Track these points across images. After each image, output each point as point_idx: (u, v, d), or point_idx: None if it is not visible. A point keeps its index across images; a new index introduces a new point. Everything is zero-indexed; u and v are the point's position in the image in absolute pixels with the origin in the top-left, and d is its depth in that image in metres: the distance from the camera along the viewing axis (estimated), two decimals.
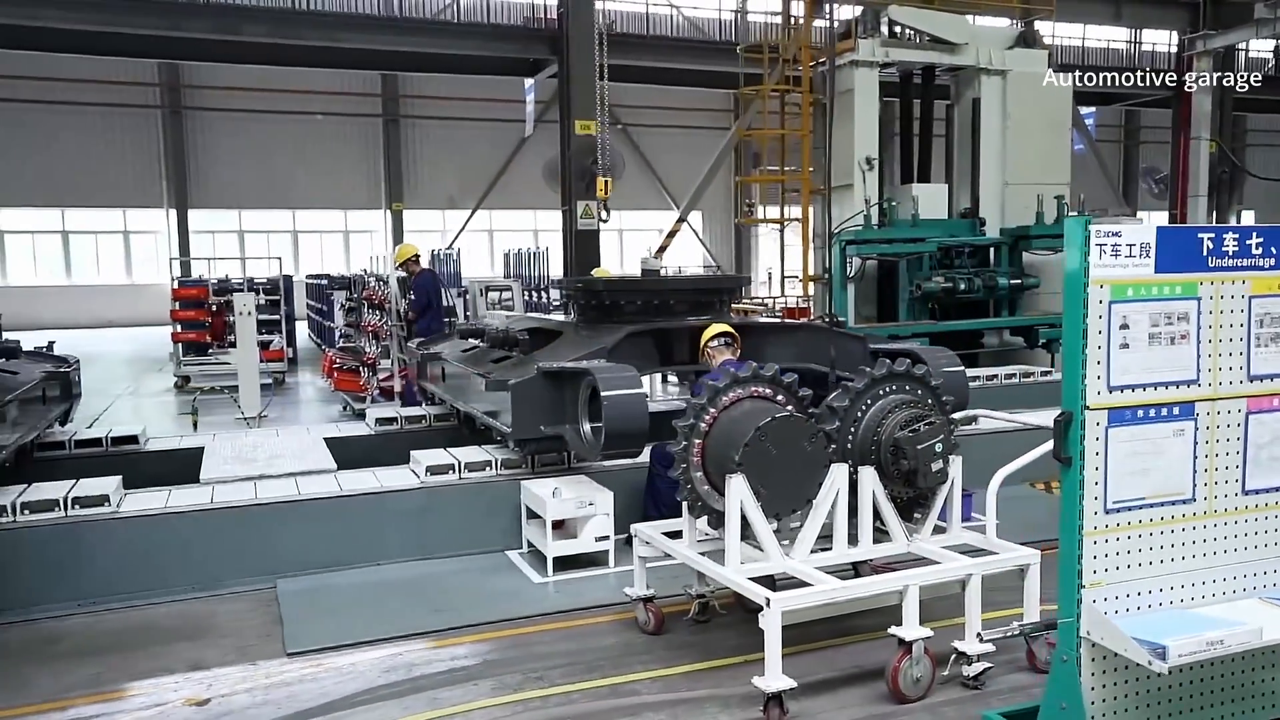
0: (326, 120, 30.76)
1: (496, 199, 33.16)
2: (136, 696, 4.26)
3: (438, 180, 32.75)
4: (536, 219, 34.69)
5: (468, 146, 32.30)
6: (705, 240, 36.65)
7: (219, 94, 29.09)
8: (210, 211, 30.57)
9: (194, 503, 5.77)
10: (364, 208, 32.61)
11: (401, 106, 31.86)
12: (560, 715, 4.00)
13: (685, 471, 4.36)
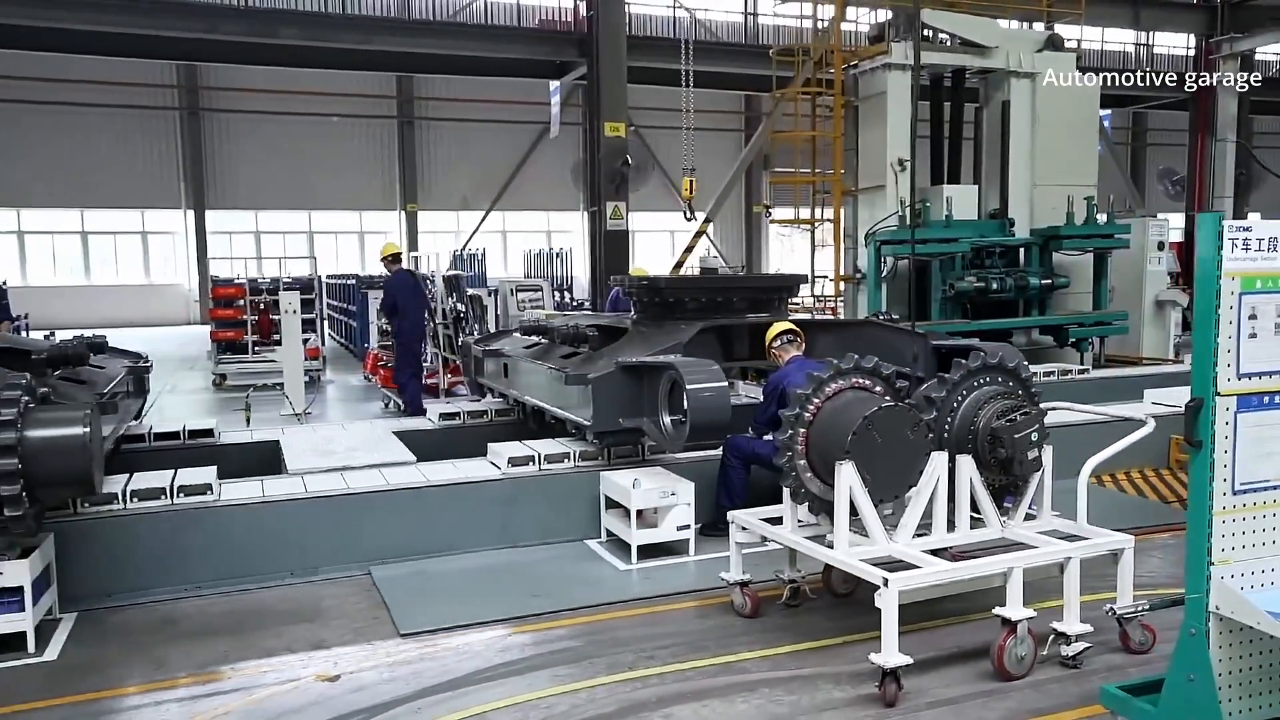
0: (342, 122, 30.96)
1: (510, 200, 33.37)
2: (269, 673, 4.46)
3: (452, 181, 32.95)
4: (549, 220, 34.93)
5: (481, 148, 32.51)
6: (716, 241, 36.83)
7: (237, 96, 29.28)
8: (227, 212, 30.75)
9: (289, 492, 5.96)
10: (379, 209, 32.80)
11: (416, 108, 32.06)
12: (679, 691, 4.19)
13: (790, 459, 4.55)
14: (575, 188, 34.62)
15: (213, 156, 30.29)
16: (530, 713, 4.01)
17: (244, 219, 31.28)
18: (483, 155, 32.62)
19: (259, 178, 30.39)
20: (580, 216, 34.87)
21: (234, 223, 31.09)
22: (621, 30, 16.89)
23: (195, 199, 30.11)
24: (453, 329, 11.45)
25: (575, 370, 6.65)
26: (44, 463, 4.53)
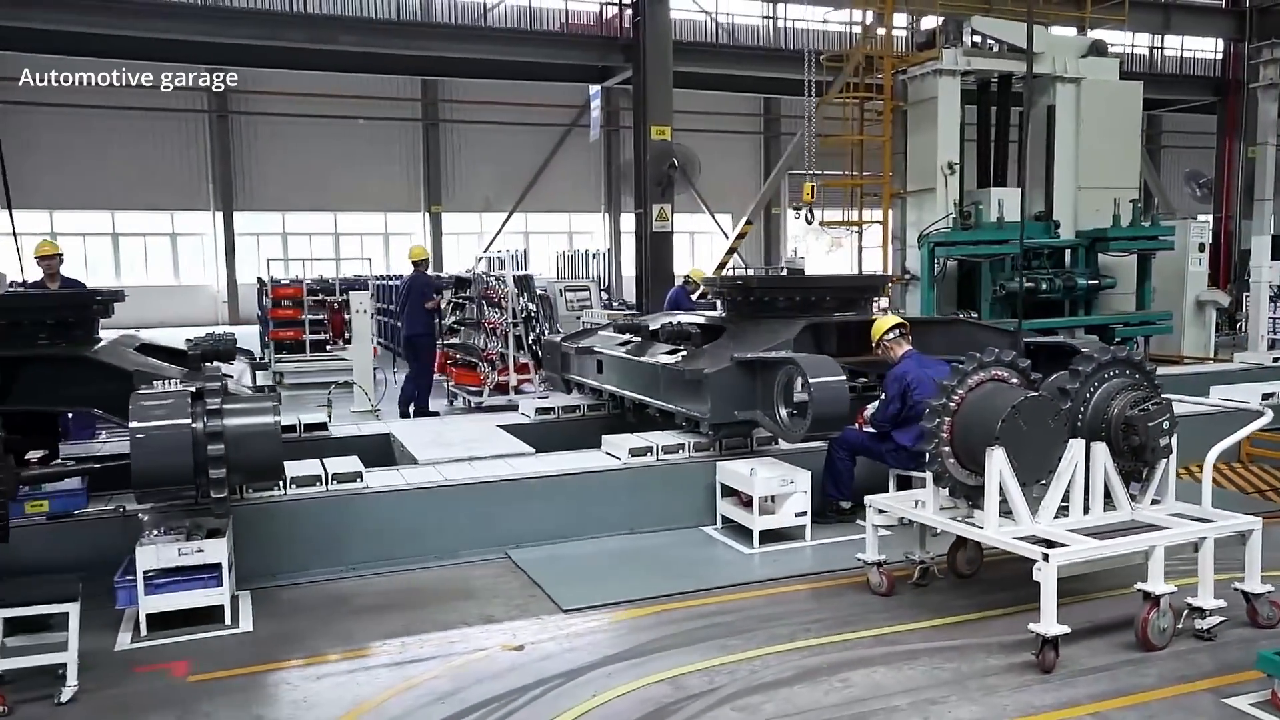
0: (367, 124, 31.30)
1: (532, 202, 33.70)
2: (457, 643, 4.80)
3: (475, 183, 33.28)
4: (571, 221, 35.28)
5: (504, 150, 32.84)
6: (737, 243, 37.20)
7: (264, 99, 29.61)
8: (254, 214, 31.12)
9: (432, 480, 6.31)
10: (404, 210, 33.14)
11: (440, 111, 32.40)
12: (844, 659, 4.53)
13: (937, 446, 4.89)
14: (597, 189, 35.07)
15: (240, 159, 30.65)
16: (715, 676, 4.36)
17: (271, 220, 31.64)
18: (506, 157, 32.96)
19: (285, 180, 30.73)
20: (602, 218, 35.30)
21: (261, 224, 31.46)
22: (668, 35, 17.24)
23: (223, 201, 30.46)
24: (522, 328, 11.78)
25: (686, 366, 6.98)
26: (242, 449, 4.87)
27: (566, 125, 32.83)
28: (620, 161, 32.57)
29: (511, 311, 11.93)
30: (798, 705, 4.07)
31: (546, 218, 34.80)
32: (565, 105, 32.16)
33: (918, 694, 4.15)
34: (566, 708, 4.06)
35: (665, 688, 4.25)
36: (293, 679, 4.43)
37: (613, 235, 34.96)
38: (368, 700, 4.17)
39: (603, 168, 34.61)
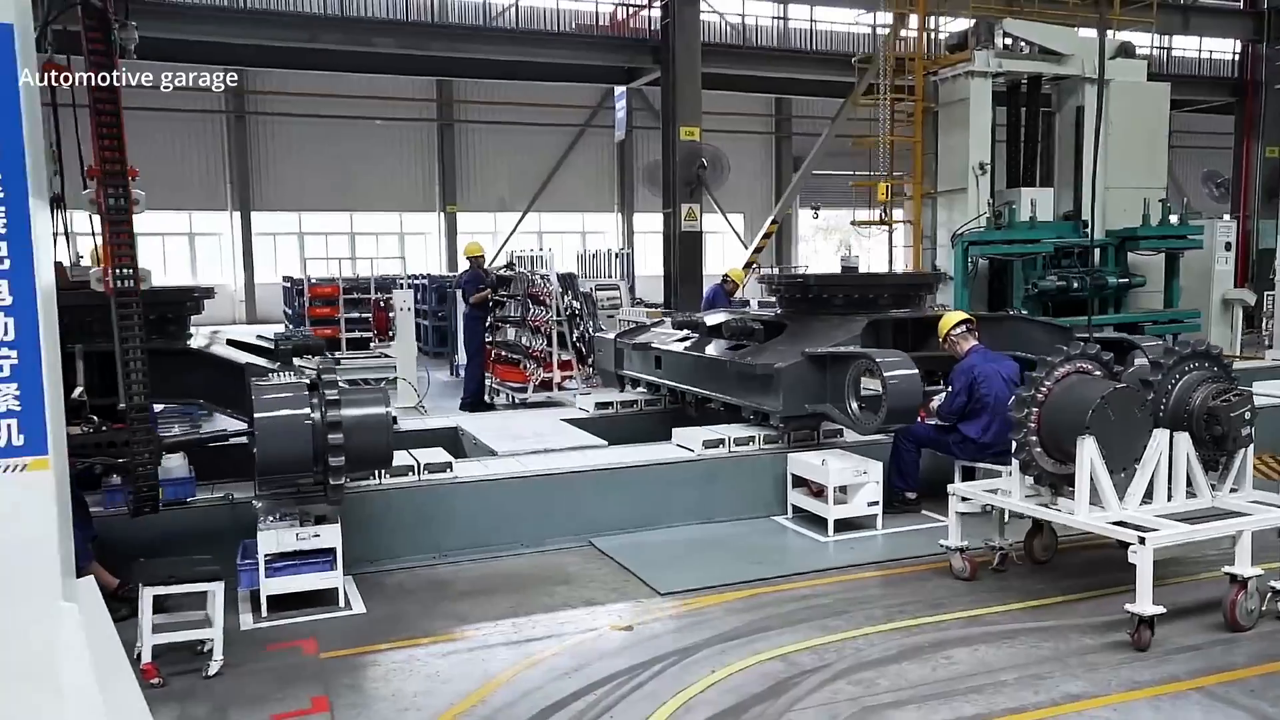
0: (384, 125, 31.47)
1: (546, 201, 33.89)
2: (566, 624, 5.00)
3: (490, 183, 33.44)
4: (585, 221, 35.46)
5: (519, 150, 33.01)
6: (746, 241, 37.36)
7: (281, 99, 29.79)
8: (271, 214, 31.30)
9: (518, 470, 6.51)
10: (419, 210, 33.32)
11: (455, 111, 32.58)
12: (943, 638, 4.73)
13: (1024, 435, 5.08)
14: (610, 189, 35.26)
15: (258, 159, 30.84)
16: (824, 654, 4.55)
17: (288, 220, 31.84)
18: (520, 157, 33.13)
19: (302, 180, 30.91)
20: (615, 218, 35.49)
21: (278, 224, 31.66)
22: (696, 37, 17.43)
23: (241, 201, 30.65)
24: (567, 325, 11.97)
25: (757, 361, 7.18)
26: (358, 438, 5.07)
27: (580, 125, 33.03)
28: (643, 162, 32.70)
29: (556, 309, 12.12)
30: (910, 680, 4.27)
31: (560, 217, 34.97)
32: (579, 106, 32.35)
33: (1023, 670, 4.34)
34: (690, 681, 4.26)
35: (778, 664, 4.45)
36: (419, 656, 4.62)
37: (625, 235, 35.13)
38: (498, 675, 4.37)
39: (616, 168, 34.78)
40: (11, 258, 2.98)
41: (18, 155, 2.97)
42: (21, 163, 2.98)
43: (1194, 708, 3.99)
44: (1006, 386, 6.79)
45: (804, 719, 3.91)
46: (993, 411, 6.64)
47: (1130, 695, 4.09)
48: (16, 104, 2.96)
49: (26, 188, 3.00)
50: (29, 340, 3.01)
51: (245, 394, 5.56)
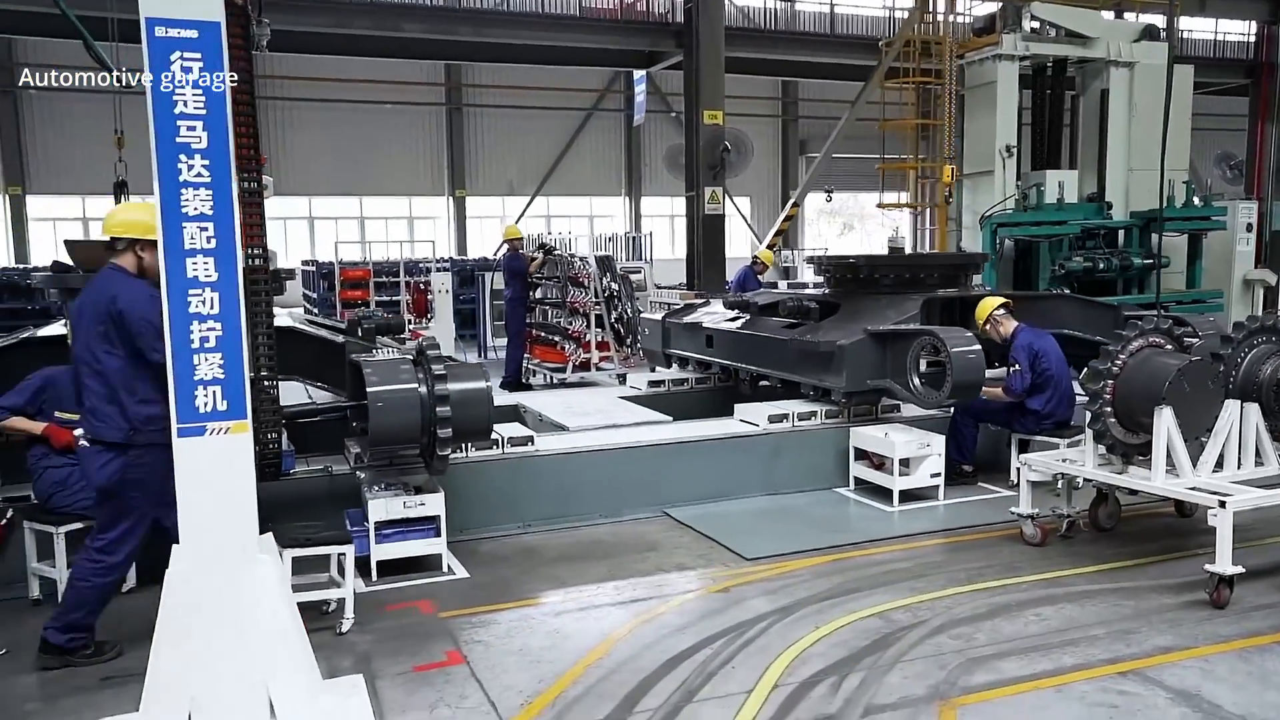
0: (393, 109, 31.51)
1: (553, 186, 33.98)
2: (663, 586, 5.25)
3: (498, 168, 33.50)
4: (592, 205, 35.58)
5: (527, 135, 33.07)
6: (752, 223, 37.51)
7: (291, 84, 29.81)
8: (282, 199, 31.37)
9: (594, 444, 6.75)
10: (428, 194, 33.40)
11: (464, 95, 32.62)
12: (1027, 598, 4.98)
13: (1100, 406, 5.33)
14: (618, 173, 35.37)
15: (267, 145, 30.87)
16: (918, 612, 4.81)
17: (298, 204, 31.94)
18: (528, 142, 33.19)
19: (311, 164, 30.98)
20: (622, 201, 35.61)
21: (289, 208, 31.78)
22: (720, 20, 17.55)
23: None
24: (605, 307, 12.18)
25: (819, 339, 7.41)
26: (462, 411, 5.29)
27: (588, 110, 33.12)
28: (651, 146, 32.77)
29: (594, 291, 12.33)
30: (1005, 635, 4.52)
31: (568, 201, 35.09)
32: (587, 90, 32.43)
33: (1110, 625, 4.60)
34: (798, 636, 4.51)
35: (876, 621, 4.70)
36: (534, 615, 4.87)
37: (633, 218, 35.26)
38: (615, 631, 4.62)
39: (623, 152, 34.87)
40: (218, 238, 3.19)
41: (224, 147, 3.18)
42: (228, 154, 3.20)
43: (1279, 659, 4.25)
44: (1061, 359, 7.07)
45: (914, 669, 4.16)
46: (1054, 382, 6.92)
47: (1217, 648, 4.35)
48: (224, 100, 3.17)
49: (231, 176, 3.21)
50: (231, 314, 3.23)
51: (343, 370, 5.80)
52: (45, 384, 5.03)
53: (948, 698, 3.88)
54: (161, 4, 3.06)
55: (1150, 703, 3.83)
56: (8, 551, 5.15)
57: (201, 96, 3.14)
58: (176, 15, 3.08)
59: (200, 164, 3.16)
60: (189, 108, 3.13)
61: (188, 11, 3.09)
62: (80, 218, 28.94)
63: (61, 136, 26.99)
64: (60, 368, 5.10)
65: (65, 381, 5.06)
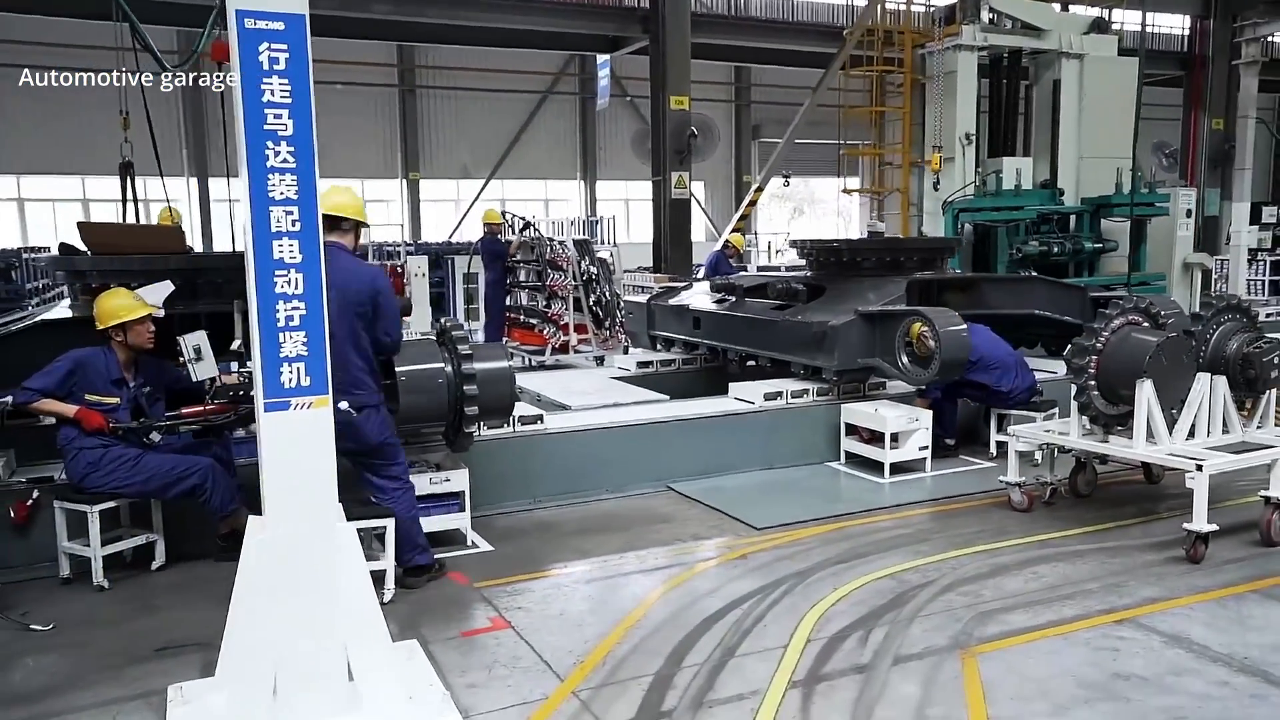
0: (344, 90, 31.09)
1: (509, 169, 33.89)
2: (683, 555, 5.52)
3: (452, 151, 33.30)
4: (548, 188, 35.59)
5: (481, 118, 32.88)
6: (707, 209, 37.86)
7: None
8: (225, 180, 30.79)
9: (603, 421, 6.98)
10: (381, 177, 33.06)
11: (417, 77, 32.32)
12: (1022, 559, 5.35)
13: (1084, 381, 5.71)
14: (573, 157, 35.41)
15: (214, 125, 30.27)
16: (926, 572, 5.15)
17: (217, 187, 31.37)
18: (482, 125, 33.03)
19: None
20: (578, 185, 35.68)
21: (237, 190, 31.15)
22: (687, 6, 17.76)
23: (198, 167, 30.16)
24: (583, 291, 12.37)
25: (811, 319, 7.72)
26: (487, 390, 5.48)
27: (543, 92, 33.07)
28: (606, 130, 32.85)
29: (573, 274, 12.51)
30: (1009, 591, 4.88)
31: (523, 185, 35.00)
32: (542, 73, 32.38)
33: (1102, 580, 4.99)
34: (820, 596, 4.81)
35: (889, 582, 5.03)
36: (565, 584, 5.10)
37: (588, 202, 35.35)
38: (646, 596, 4.87)
39: (579, 136, 34.90)
40: (303, 221, 3.34)
41: (308, 134, 3.33)
42: (311, 141, 3.35)
43: (1254, 605, 4.67)
44: (994, 343, 7.49)
45: (932, 622, 4.49)
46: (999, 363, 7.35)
47: (1199, 597, 4.76)
48: (308, 88, 3.32)
49: (314, 162, 3.37)
50: (314, 293, 3.39)
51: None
52: (75, 367, 5.08)
53: (967, 646, 4.22)
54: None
55: (1147, 646, 4.21)
56: (36, 530, 5.23)
57: (288, 85, 3.28)
58: (265, 8, 3.22)
59: (286, 150, 3.31)
60: (276, 96, 3.27)
61: (276, 4, 3.23)
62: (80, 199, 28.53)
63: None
64: (89, 350, 5.17)
65: (96, 364, 5.14)
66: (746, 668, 4.05)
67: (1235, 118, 22.87)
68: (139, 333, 5.22)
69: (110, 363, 5.19)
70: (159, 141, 23.19)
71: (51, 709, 3.79)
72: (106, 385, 5.15)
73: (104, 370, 5.16)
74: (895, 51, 15.48)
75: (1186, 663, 4.03)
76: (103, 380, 5.15)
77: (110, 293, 5.31)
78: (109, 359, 5.19)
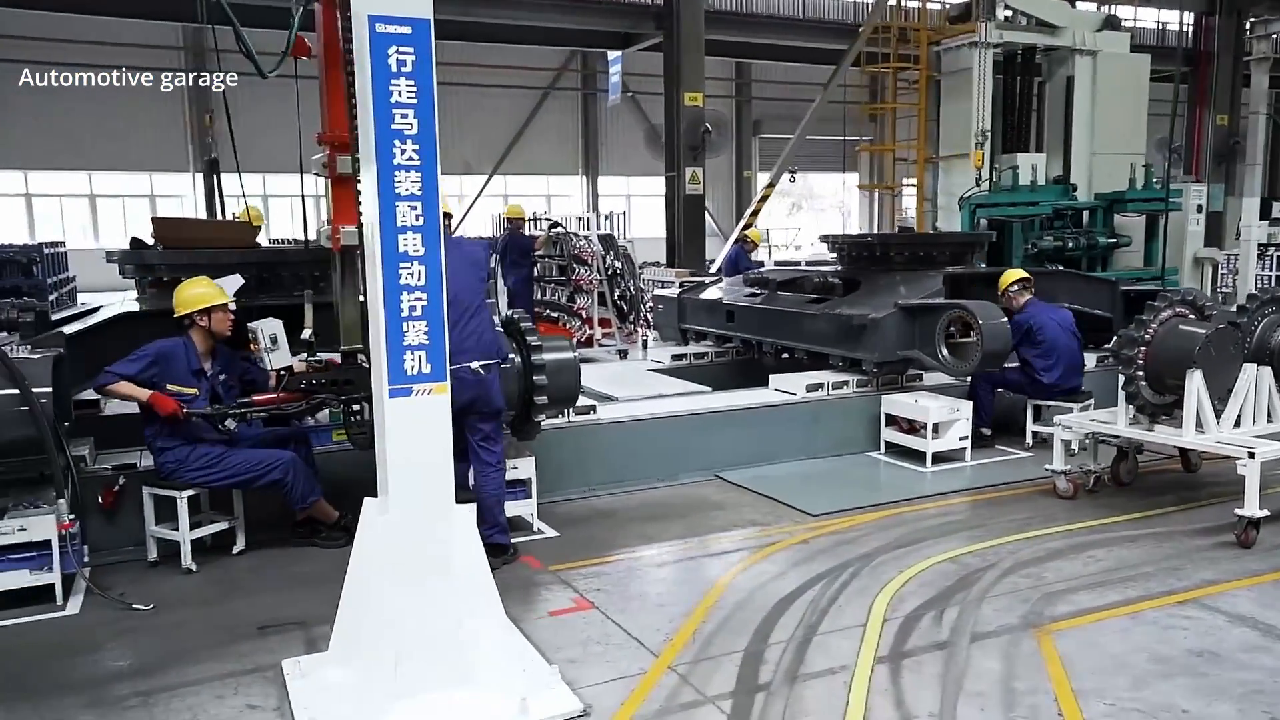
0: None
1: (510, 165, 33.98)
2: (747, 539, 5.68)
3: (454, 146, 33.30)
4: (550, 184, 35.68)
5: (484, 114, 32.92)
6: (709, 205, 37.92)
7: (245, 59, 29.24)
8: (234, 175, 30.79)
9: (651, 412, 7.13)
10: None
11: None
12: (1076, 543, 5.52)
13: (1132, 371, 5.89)
14: (575, 153, 35.52)
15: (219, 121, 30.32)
16: (986, 556, 5.32)
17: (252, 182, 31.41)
18: (485, 121, 33.07)
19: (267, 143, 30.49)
20: (580, 181, 35.78)
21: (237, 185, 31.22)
22: (700, 3, 17.90)
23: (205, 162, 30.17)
24: (608, 285, 12.51)
25: (851, 312, 7.88)
26: (556, 380, 5.63)
27: (544, 88, 33.18)
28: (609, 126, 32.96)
29: (597, 269, 12.65)
30: (1069, 574, 5.06)
31: (525, 180, 35.10)
32: (544, 69, 32.50)
33: (1158, 564, 5.17)
34: (888, 578, 4.98)
35: (951, 565, 5.20)
36: (638, 566, 5.26)
37: (590, 198, 35.45)
38: (720, 579, 5.03)
39: (581, 132, 34.99)
40: (425, 216, 3.49)
41: (431, 133, 3.48)
42: (434, 140, 3.49)
43: None
44: (1064, 332, 7.67)
45: (1001, 603, 4.66)
46: (1056, 354, 7.52)
47: (1254, 580, 4.94)
48: (432, 90, 3.46)
49: (436, 160, 3.51)
50: (435, 285, 3.54)
51: None
52: (158, 357, 5.21)
53: (1040, 625, 4.39)
54: (382, 3, 3.34)
55: (1214, 625, 4.39)
56: (121, 515, 5.37)
57: (414, 86, 3.42)
58: (395, 13, 3.36)
59: (411, 149, 3.45)
60: (403, 97, 3.41)
61: (405, 9, 3.37)
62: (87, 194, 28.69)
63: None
64: (171, 341, 5.30)
65: (178, 355, 5.28)
66: (831, 645, 4.22)
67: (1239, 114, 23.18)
68: (221, 319, 5.35)
69: (190, 353, 5.32)
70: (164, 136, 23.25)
71: (171, 682, 3.93)
72: (187, 376, 5.28)
73: (185, 361, 5.29)
74: (909, 49, 15.64)
75: (1255, 640, 4.21)
76: (183, 370, 5.28)
77: (191, 281, 5.44)
78: (189, 350, 5.32)
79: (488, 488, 5.19)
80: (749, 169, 36.95)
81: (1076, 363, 7.73)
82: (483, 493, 5.15)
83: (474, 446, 5.19)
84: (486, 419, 5.19)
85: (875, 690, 3.80)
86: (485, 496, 5.14)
